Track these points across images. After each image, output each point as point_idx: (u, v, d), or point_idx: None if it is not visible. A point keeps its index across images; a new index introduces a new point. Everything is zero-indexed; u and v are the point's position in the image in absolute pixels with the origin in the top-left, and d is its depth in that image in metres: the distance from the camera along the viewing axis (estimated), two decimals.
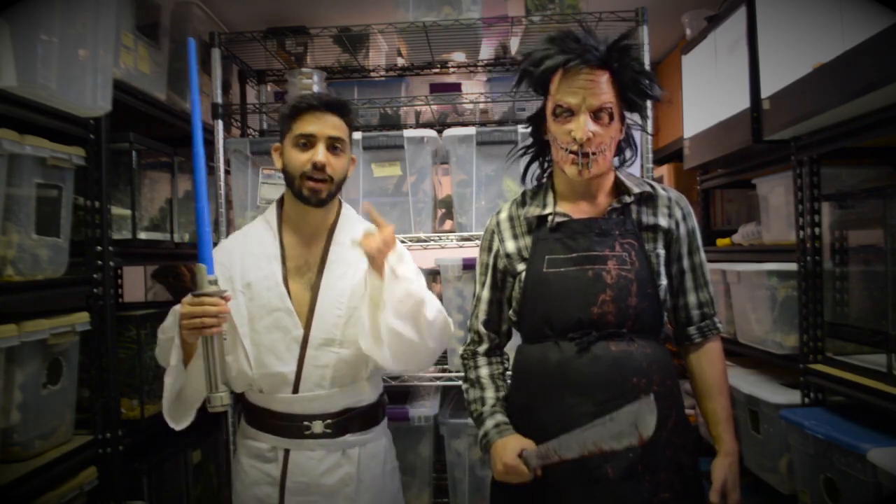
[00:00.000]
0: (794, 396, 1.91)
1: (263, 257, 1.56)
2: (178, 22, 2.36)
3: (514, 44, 2.66)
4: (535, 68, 1.34)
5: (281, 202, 1.64)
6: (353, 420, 1.55)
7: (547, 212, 1.41)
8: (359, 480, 1.54)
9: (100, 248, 1.81)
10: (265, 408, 1.55)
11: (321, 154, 1.49)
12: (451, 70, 2.88)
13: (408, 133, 2.26)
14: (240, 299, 1.52)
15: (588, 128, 1.29)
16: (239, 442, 1.64)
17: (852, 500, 1.55)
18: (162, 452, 2.06)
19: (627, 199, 1.39)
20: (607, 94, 1.31)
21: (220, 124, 2.36)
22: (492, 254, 1.48)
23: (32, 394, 1.56)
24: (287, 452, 1.53)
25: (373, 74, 2.87)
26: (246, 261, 1.56)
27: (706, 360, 1.44)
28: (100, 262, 1.80)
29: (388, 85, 2.76)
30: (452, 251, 2.47)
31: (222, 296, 1.36)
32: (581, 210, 1.41)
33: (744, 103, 2.00)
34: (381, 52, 2.79)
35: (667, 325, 1.46)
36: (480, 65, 2.86)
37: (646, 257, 1.36)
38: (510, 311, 1.48)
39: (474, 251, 2.44)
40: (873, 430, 1.59)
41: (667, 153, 3.04)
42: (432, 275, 2.35)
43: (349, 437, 1.54)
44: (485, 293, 1.50)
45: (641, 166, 2.22)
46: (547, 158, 1.49)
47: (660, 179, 3.06)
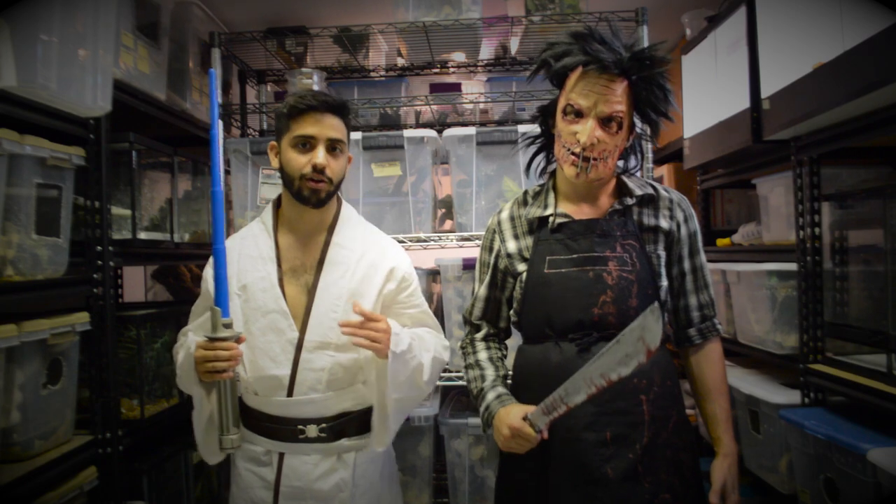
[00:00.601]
0: (794, 396, 1.91)
1: (259, 259, 1.55)
2: (178, 22, 2.36)
3: (514, 44, 2.66)
4: (554, 61, 1.33)
5: (277, 203, 1.63)
6: (349, 424, 1.52)
7: (548, 213, 1.41)
8: (354, 486, 1.52)
9: (100, 248, 1.81)
10: (260, 411, 1.53)
11: (321, 156, 1.47)
12: (451, 70, 2.88)
13: (408, 133, 2.26)
14: (235, 302, 1.52)
15: (594, 133, 1.28)
16: None
17: (852, 500, 1.55)
18: (162, 452, 2.06)
19: (629, 201, 1.39)
20: (620, 104, 1.29)
21: (220, 124, 2.36)
22: (493, 253, 1.48)
23: (32, 394, 1.56)
24: (281, 456, 1.51)
25: (373, 74, 2.87)
26: (242, 263, 1.55)
27: (706, 361, 1.44)
28: (100, 262, 1.80)
29: (388, 85, 2.76)
30: (452, 251, 2.47)
31: (237, 339, 1.39)
32: (583, 211, 1.40)
33: (744, 103, 2.00)
34: (381, 52, 2.79)
35: (667, 326, 1.46)
36: (480, 65, 2.86)
37: (647, 258, 1.36)
38: (511, 312, 1.48)
39: (474, 251, 2.44)
40: (873, 430, 1.59)
41: (667, 153, 3.04)
42: (432, 275, 2.35)
43: (345, 442, 1.52)
44: (482, 291, 1.51)
45: (641, 166, 2.22)
46: (553, 152, 1.48)
47: (660, 179, 3.06)
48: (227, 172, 2.37)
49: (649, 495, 1.28)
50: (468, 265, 2.22)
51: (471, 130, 2.25)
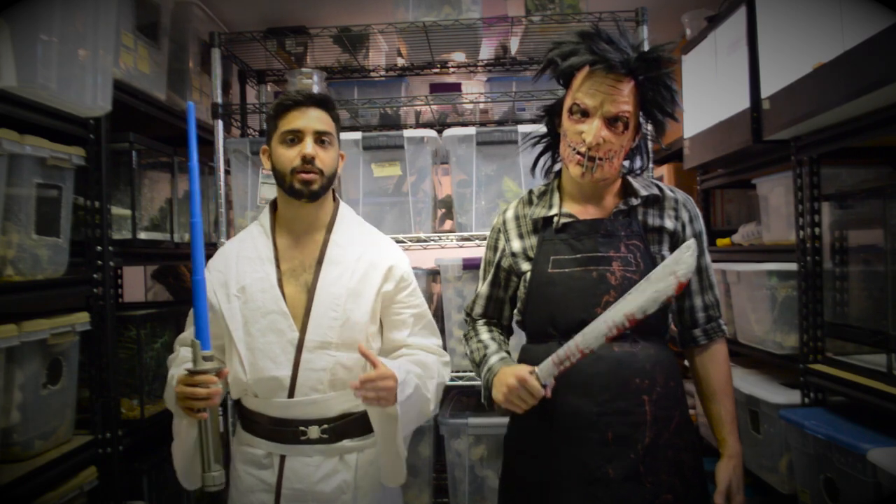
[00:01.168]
0: (794, 396, 1.91)
1: (257, 260, 1.55)
2: (178, 22, 2.36)
3: (514, 44, 2.66)
4: (561, 61, 1.33)
5: (273, 205, 1.63)
6: (350, 425, 1.52)
7: (553, 213, 1.41)
8: (356, 487, 1.51)
9: (100, 248, 1.81)
10: (260, 413, 1.52)
11: (310, 147, 1.48)
12: (451, 70, 2.88)
13: (408, 133, 2.26)
14: (234, 304, 1.51)
15: (600, 133, 1.28)
16: (234, 448, 1.60)
17: (852, 500, 1.55)
18: (162, 452, 2.05)
19: (634, 202, 1.39)
20: (626, 104, 1.29)
21: (220, 124, 2.36)
22: (497, 252, 1.49)
23: (32, 394, 1.56)
24: (283, 459, 1.50)
25: (373, 74, 2.87)
26: (241, 264, 1.55)
27: (711, 362, 1.44)
28: (100, 262, 1.80)
29: (388, 85, 2.75)
30: (452, 251, 2.47)
31: (217, 373, 1.35)
32: (588, 211, 1.40)
33: (744, 103, 2.00)
34: (381, 52, 2.79)
35: (671, 326, 1.45)
36: (480, 65, 2.86)
37: (651, 259, 1.36)
38: (515, 311, 1.48)
39: (474, 251, 2.45)
40: (873, 430, 1.59)
41: (667, 153, 3.04)
42: (432, 275, 2.35)
43: (346, 443, 1.51)
44: (485, 289, 1.52)
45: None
46: (558, 152, 1.48)
47: (659, 179, 3.06)
48: (227, 172, 2.37)
49: (650, 495, 1.27)
50: (468, 265, 2.22)
51: (471, 130, 2.24)
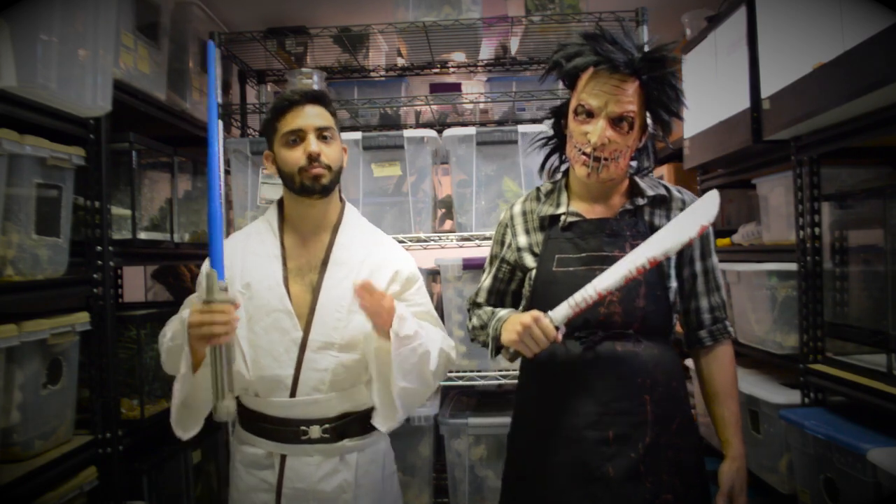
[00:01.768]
0: (794, 396, 1.91)
1: (265, 257, 1.54)
2: (177, 22, 2.36)
3: (514, 44, 2.66)
4: (565, 62, 1.33)
5: (280, 204, 1.63)
6: (351, 425, 1.52)
7: (560, 211, 1.41)
8: (357, 486, 1.51)
9: (100, 248, 1.81)
10: (261, 412, 1.52)
11: (314, 144, 1.47)
12: (451, 70, 2.88)
13: (408, 133, 2.26)
14: (239, 300, 1.51)
15: (605, 133, 1.28)
16: (234, 448, 1.60)
17: (852, 500, 1.55)
18: (162, 452, 2.06)
19: (640, 202, 1.39)
20: (631, 104, 1.29)
21: (220, 124, 2.36)
22: (504, 247, 1.50)
23: (32, 394, 1.56)
24: (283, 458, 1.49)
25: (373, 74, 2.87)
26: (248, 260, 1.55)
27: (716, 363, 1.43)
28: (100, 262, 1.80)
29: (388, 85, 2.76)
30: (452, 251, 2.47)
31: (233, 303, 1.33)
32: (595, 211, 1.40)
33: (744, 103, 2.00)
34: (381, 52, 2.79)
35: (677, 327, 1.45)
36: (480, 65, 2.87)
37: None
38: (519, 309, 1.48)
39: (474, 251, 2.46)
40: (873, 430, 1.59)
41: (667, 153, 3.04)
42: (432, 275, 2.35)
43: (347, 443, 1.51)
44: (488, 281, 1.52)
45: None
46: (565, 153, 1.48)
47: (659, 179, 3.06)
48: (227, 172, 2.37)
49: (650, 495, 1.27)
50: (468, 265, 2.22)
51: (471, 130, 2.25)
